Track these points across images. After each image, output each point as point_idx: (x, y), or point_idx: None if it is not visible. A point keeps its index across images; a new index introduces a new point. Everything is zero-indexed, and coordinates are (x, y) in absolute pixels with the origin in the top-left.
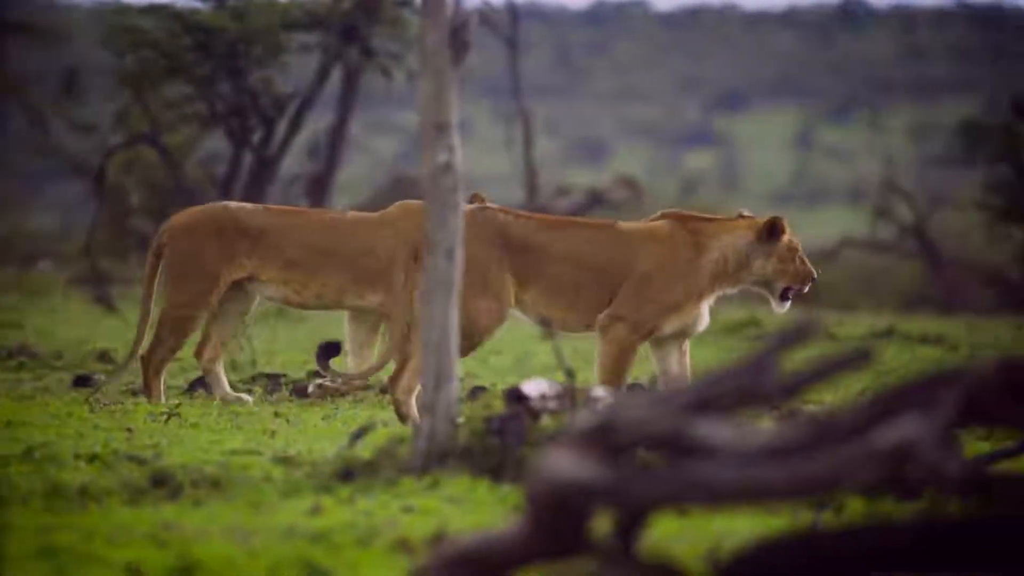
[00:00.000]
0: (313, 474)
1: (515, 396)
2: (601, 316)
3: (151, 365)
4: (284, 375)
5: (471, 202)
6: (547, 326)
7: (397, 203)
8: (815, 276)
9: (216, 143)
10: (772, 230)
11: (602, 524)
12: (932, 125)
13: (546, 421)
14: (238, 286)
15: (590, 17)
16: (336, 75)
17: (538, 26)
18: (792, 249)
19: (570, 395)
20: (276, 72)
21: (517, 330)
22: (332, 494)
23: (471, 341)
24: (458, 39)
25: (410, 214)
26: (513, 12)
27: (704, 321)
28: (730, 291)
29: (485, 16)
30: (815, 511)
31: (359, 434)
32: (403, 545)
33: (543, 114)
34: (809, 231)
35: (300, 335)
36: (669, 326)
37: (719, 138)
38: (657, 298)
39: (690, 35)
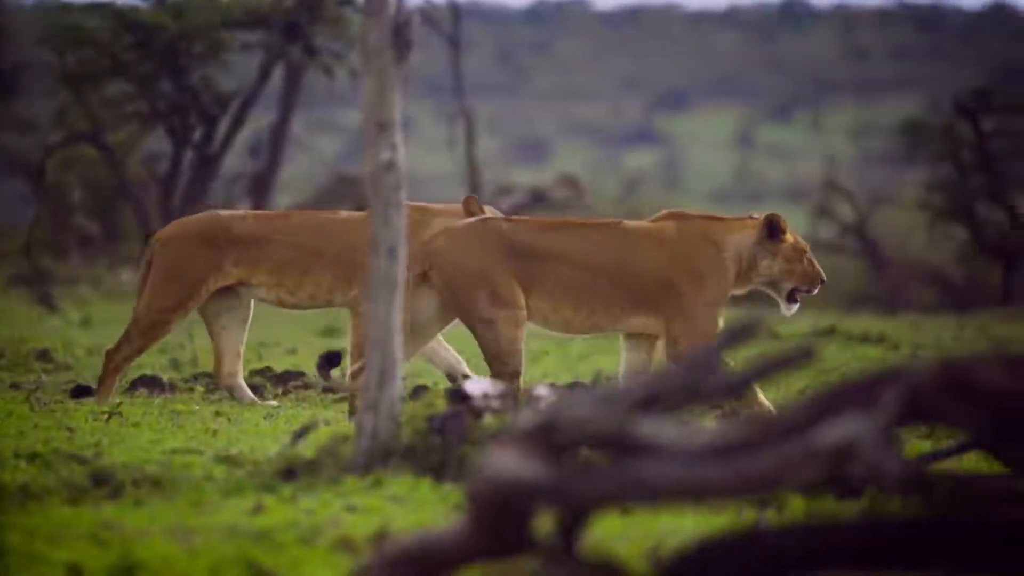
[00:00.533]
0: (255, 473)
1: (457, 395)
2: (667, 350)
3: (112, 362)
4: None
5: (466, 206)
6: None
7: None
8: (824, 278)
9: (157, 141)
10: (771, 228)
11: (544, 523)
12: (873, 124)
13: (488, 420)
14: (232, 293)
15: (531, 16)
16: (278, 73)
17: (480, 25)
18: (799, 250)
19: (512, 394)
20: (217, 70)
21: (457, 329)
22: (274, 493)
23: (506, 359)
24: (400, 38)
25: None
26: (455, 11)
27: None
28: (739, 292)
29: (427, 15)
30: (757, 510)
31: (301, 433)
32: (345, 544)
33: (485, 113)
34: None
35: None
36: (721, 319)
37: (661, 137)
38: (700, 299)
39: (631, 34)
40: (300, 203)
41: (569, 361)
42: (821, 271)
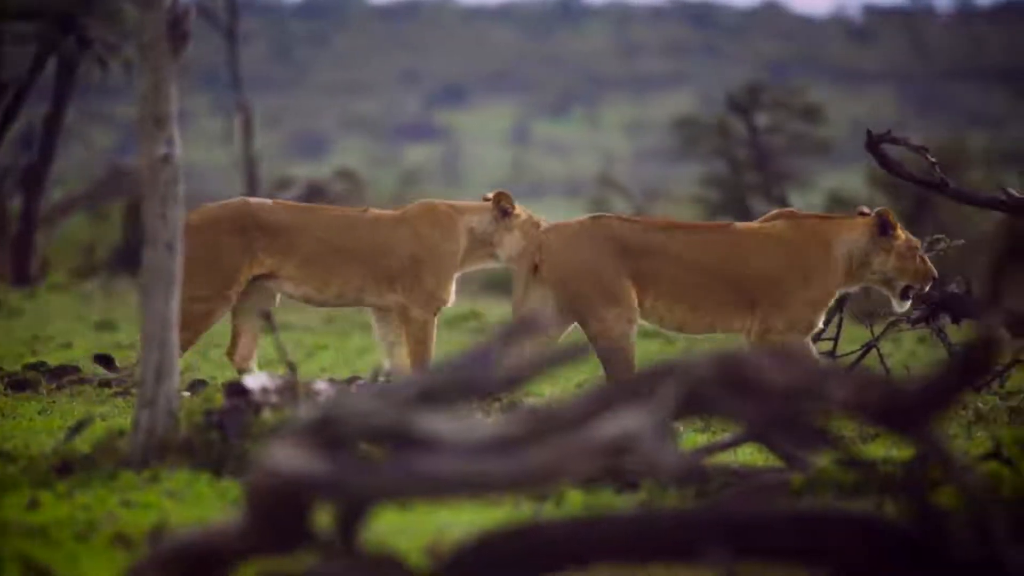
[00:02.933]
0: (30, 469)
1: (236, 390)
2: (754, 329)
3: None
4: None
5: (495, 202)
6: (267, 319)
7: (418, 202)
8: (936, 275)
9: None
10: (883, 225)
11: (323, 518)
12: (648, 120)
13: (268, 415)
14: (258, 284)
15: (308, 10)
16: (51, 65)
17: (256, 18)
18: (912, 248)
19: (292, 389)
20: None
21: None
22: (50, 488)
23: (616, 354)
24: (177, 31)
25: (429, 213)
26: (232, 4)
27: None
28: (852, 289)
29: (203, 8)
30: (536, 503)
31: (77, 428)
32: (122, 539)
33: (263, 107)
34: None
35: (14, 327)
36: (820, 321)
37: (439, 131)
38: (801, 297)
39: (408, 28)
40: (74, 196)
41: (348, 355)
42: (933, 268)
